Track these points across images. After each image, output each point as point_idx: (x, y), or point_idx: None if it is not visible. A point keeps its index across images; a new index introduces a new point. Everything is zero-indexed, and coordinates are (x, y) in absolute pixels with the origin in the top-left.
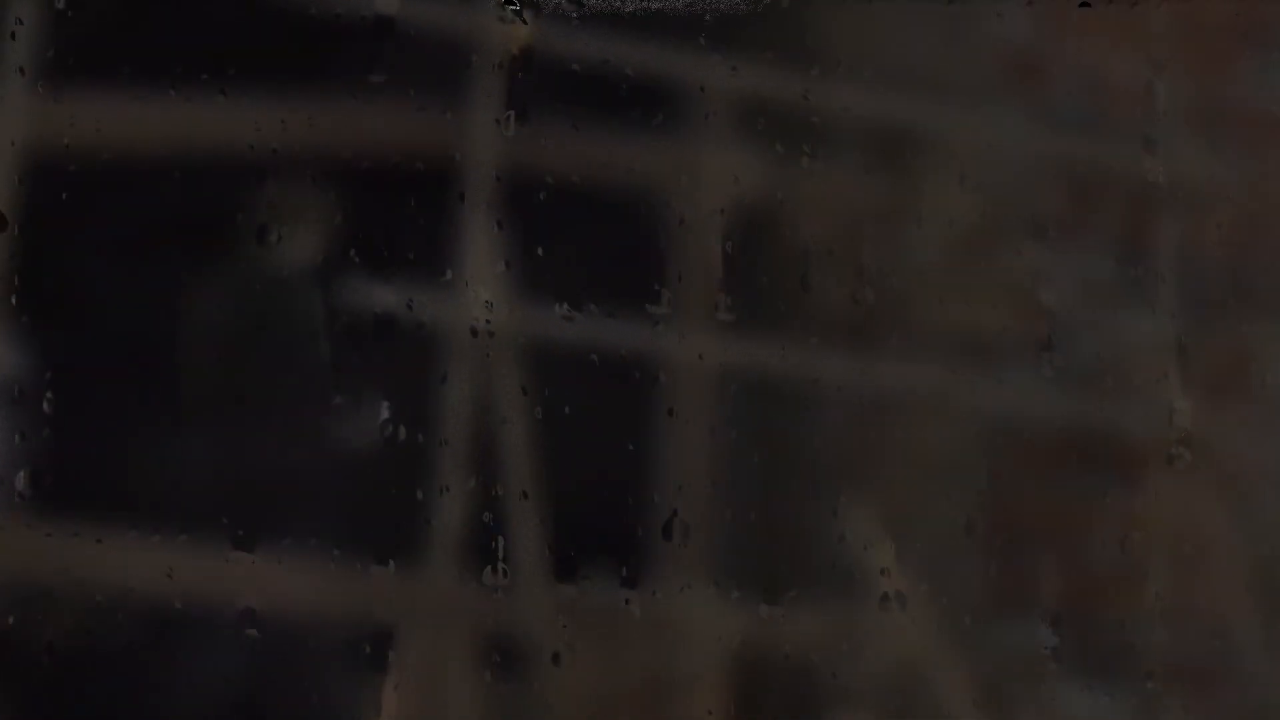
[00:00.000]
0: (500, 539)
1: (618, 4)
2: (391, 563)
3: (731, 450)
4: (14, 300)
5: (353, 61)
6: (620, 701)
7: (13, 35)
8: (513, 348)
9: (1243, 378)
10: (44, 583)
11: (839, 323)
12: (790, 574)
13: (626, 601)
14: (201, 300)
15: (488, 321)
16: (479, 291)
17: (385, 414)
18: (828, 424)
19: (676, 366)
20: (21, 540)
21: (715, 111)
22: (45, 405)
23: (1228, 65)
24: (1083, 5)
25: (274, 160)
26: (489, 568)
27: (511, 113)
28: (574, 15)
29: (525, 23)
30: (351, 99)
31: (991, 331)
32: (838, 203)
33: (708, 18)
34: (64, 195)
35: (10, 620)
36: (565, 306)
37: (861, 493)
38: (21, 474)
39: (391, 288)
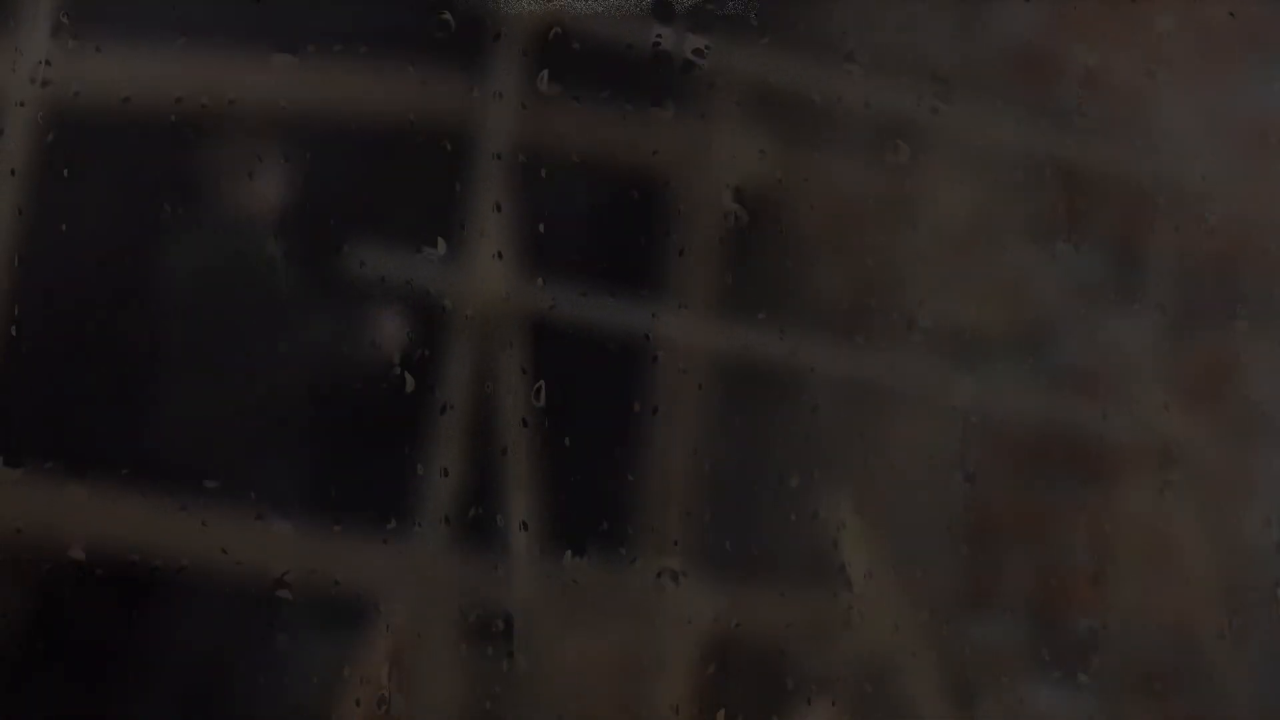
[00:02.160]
0: (493, 515)
1: None
2: (382, 530)
3: (718, 434)
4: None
5: (372, 28)
6: (594, 679)
7: None
8: (511, 326)
9: (1225, 386)
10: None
11: (831, 312)
12: (767, 560)
13: (606, 581)
14: (190, 257)
15: (488, 300)
16: (479, 268)
17: (380, 379)
18: (814, 412)
19: (671, 349)
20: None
21: (723, 97)
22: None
23: (1229, 70)
24: None
25: (279, 121)
26: (480, 542)
27: (523, 89)
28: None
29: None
30: (370, 64)
31: (981, 328)
32: (837, 192)
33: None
34: (67, 143)
35: None
36: (563, 286)
37: (843, 483)
38: None
39: (392, 261)
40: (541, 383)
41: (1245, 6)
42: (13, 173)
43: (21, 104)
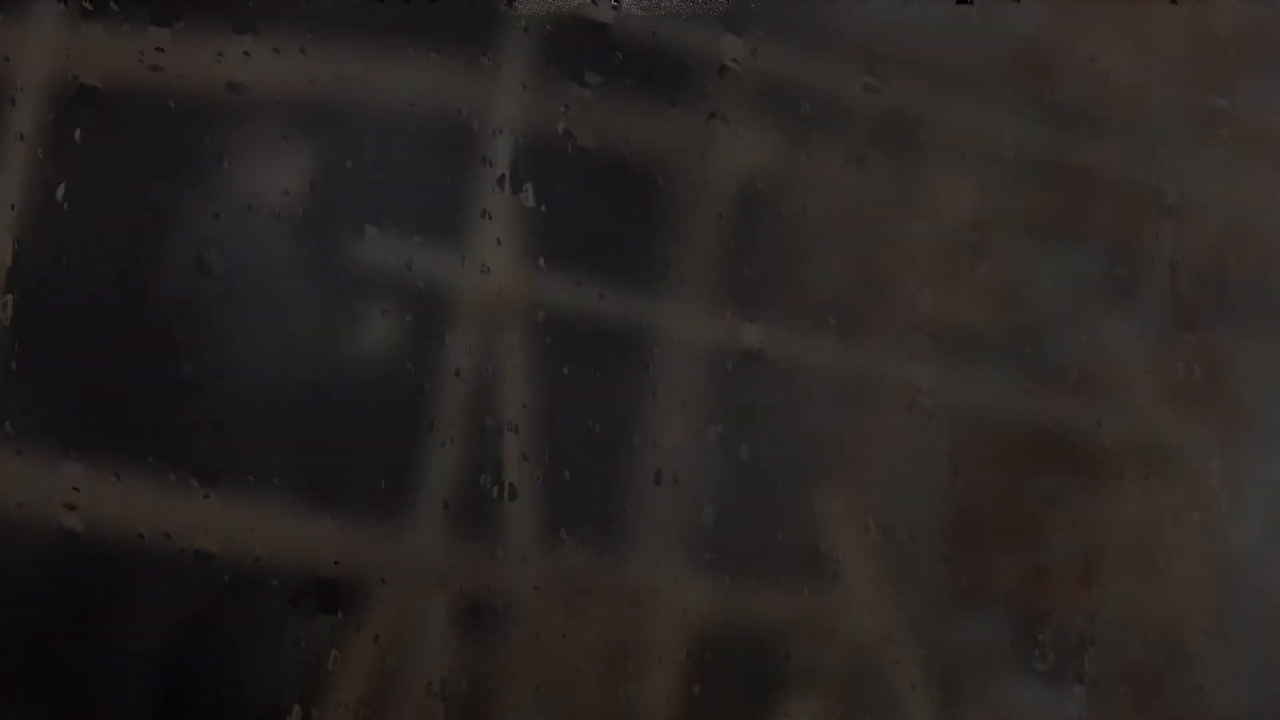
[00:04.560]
0: (490, 504)
1: None
2: (380, 516)
3: (713, 427)
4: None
5: (382, 17)
6: (586, 668)
7: None
8: (512, 316)
9: (1218, 388)
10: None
11: (828, 308)
12: (759, 554)
13: (601, 571)
14: (191, 241)
15: (496, 292)
16: (481, 258)
17: (379, 366)
18: (809, 408)
19: (668, 341)
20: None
21: (730, 92)
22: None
23: (1230, 75)
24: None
25: (285, 107)
26: (476, 530)
27: (530, 81)
28: None
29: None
30: (379, 53)
31: (975, 326)
32: (838, 189)
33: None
34: (72, 126)
35: None
36: (564, 279)
37: (835, 478)
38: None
39: (393, 250)
40: (541, 373)
41: (1246, 8)
42: (21, 137)
43: (28, 83)
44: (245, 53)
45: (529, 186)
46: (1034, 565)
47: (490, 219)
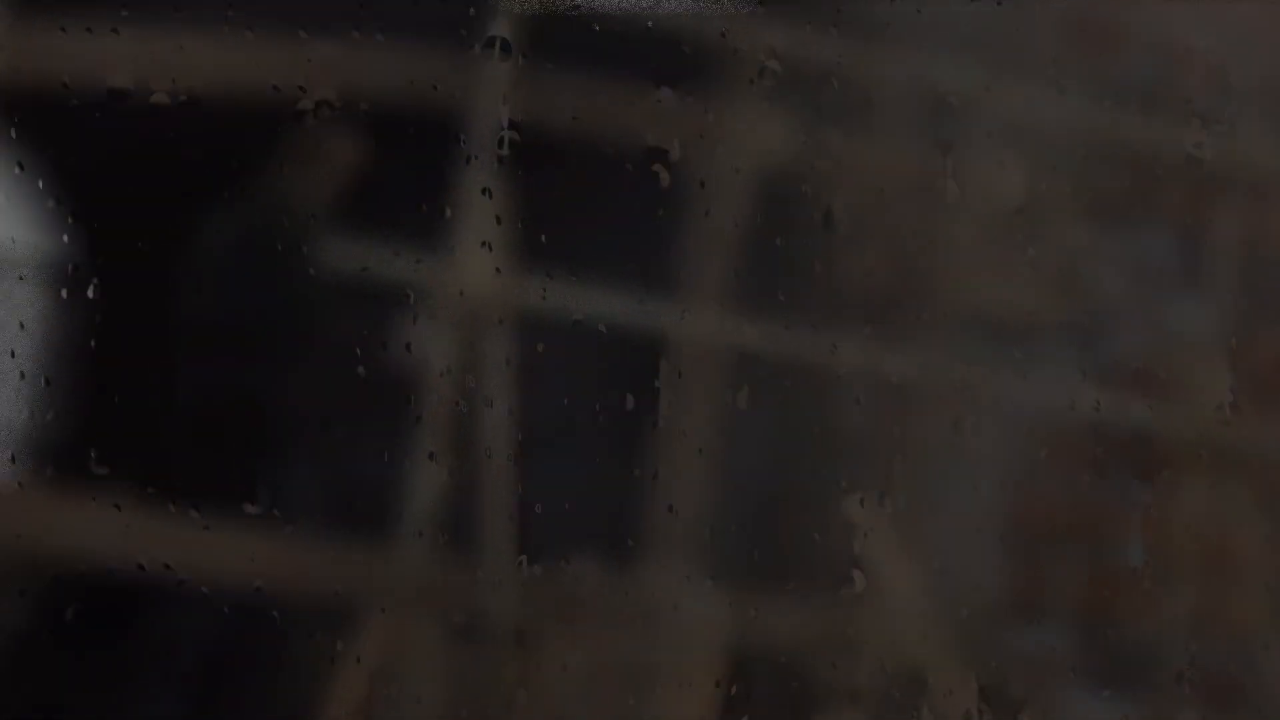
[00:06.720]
0: (487, 520)
1: None
2: (372, 535)
3: (734, 434)
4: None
5: (365, 9)
6: (600, 695)
7: None
8: (506, 314)
9: None
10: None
11: (861, 303)
12: (790, 566)
13: (614, 588)
14: (190, 261)
15: (477, 289)
16: (476, 253)
17: (378, 398)
18: (841, 410)
19: (681, 342)
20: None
21: (747, 75)
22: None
23: None
24: None
25: (278, 102)
26: (472, 548)
27: (519, 72)
28: None
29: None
30: (363, 44)
31: (1027, 318)
32: (870, 175)
33: None
34: (62, 131)
35: None
36: (565, 273)
37: (874, 484)
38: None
39: (385, 246)
40: (542, 403)
41: None
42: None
43: None
44: (230, 47)
45: (529, 214)
46: (1095, 571)
47: (491, 250)
